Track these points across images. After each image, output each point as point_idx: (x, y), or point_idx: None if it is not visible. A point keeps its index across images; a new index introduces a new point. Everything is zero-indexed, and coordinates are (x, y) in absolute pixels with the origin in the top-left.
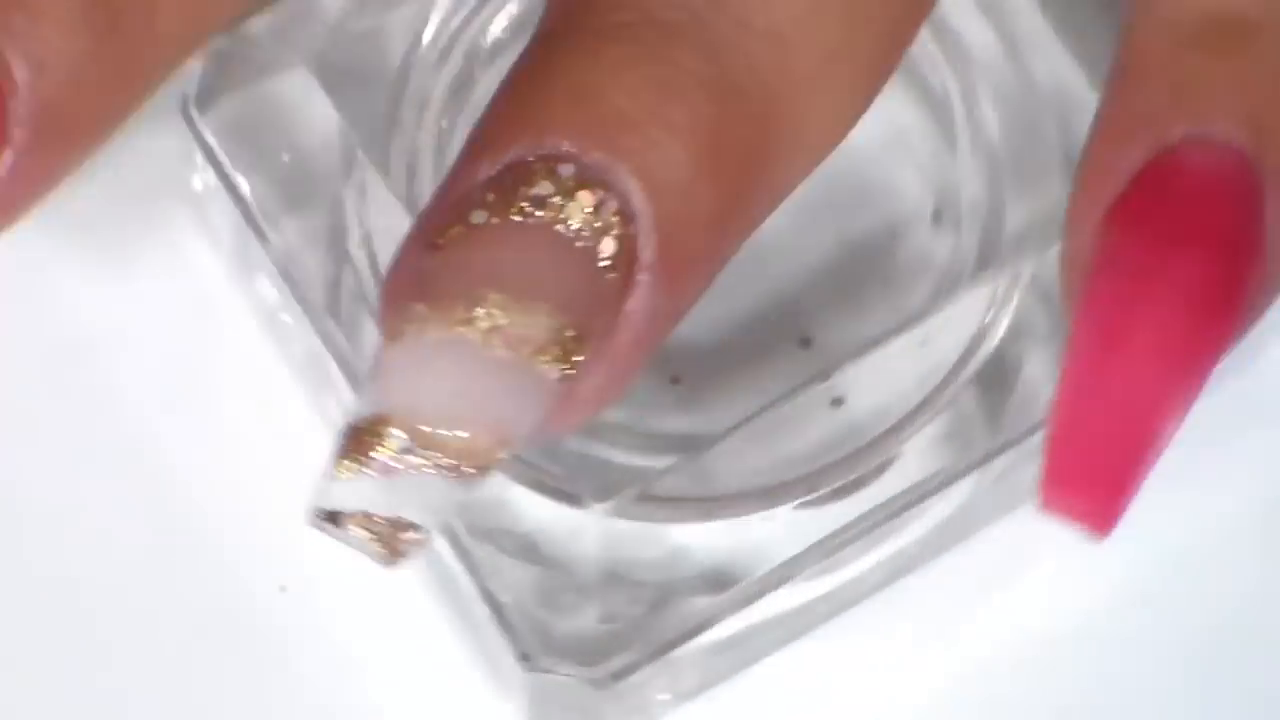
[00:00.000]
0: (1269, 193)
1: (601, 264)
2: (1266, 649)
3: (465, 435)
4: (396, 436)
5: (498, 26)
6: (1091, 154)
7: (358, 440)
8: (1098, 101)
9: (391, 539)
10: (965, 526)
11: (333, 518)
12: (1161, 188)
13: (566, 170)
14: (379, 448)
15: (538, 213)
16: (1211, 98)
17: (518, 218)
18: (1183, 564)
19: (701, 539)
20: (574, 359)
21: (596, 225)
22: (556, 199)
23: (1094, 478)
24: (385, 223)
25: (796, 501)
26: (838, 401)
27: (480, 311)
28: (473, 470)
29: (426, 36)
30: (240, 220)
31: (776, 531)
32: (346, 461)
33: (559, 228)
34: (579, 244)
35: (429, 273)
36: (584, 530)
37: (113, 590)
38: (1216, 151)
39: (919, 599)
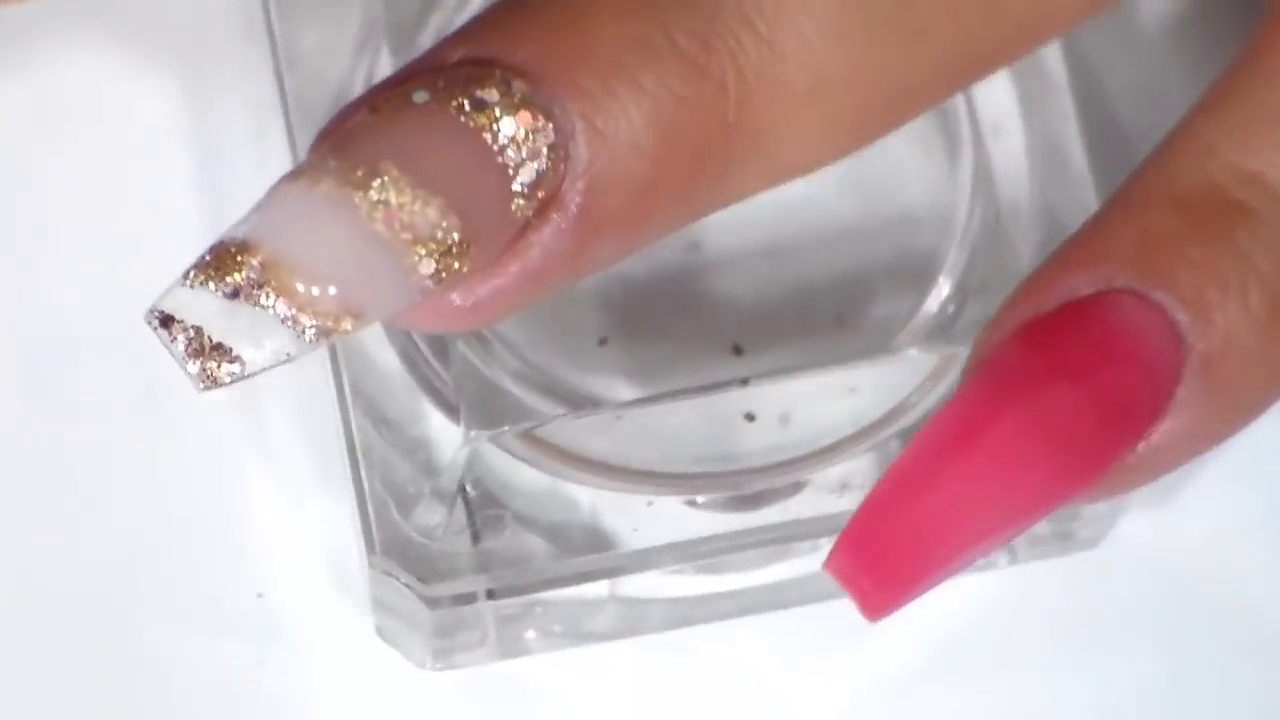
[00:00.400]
0: (1186, 377)
1: (515, 187)
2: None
3: (316, 293)
4: (253, 267)
5: None
6: (1044, 266)
7: (219, 257)
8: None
9: (211, 361)
10: None
11: (166, 322)
12: (1080, 324)
13: (519, 87)
14: (235, 272)
15: (474, 114)
16: (1172, 267)
17: (453, 111)
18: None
19: (589, 500)
20: (451, 266)
21: (523, 149)
22: (496, 109)
23: (879, 563)
24: None
25: (686, 497)
26: (750, 416)
27: (376, 182)
28: (312, 328)
29: None
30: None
31: (661, 519)
32: (200, 273)
33: (486, 135)
34: (498, 159)
35: (352, 130)
36: (460, 443)
37: (88, 596)
38: (1151, 316)
39: (797, 633)
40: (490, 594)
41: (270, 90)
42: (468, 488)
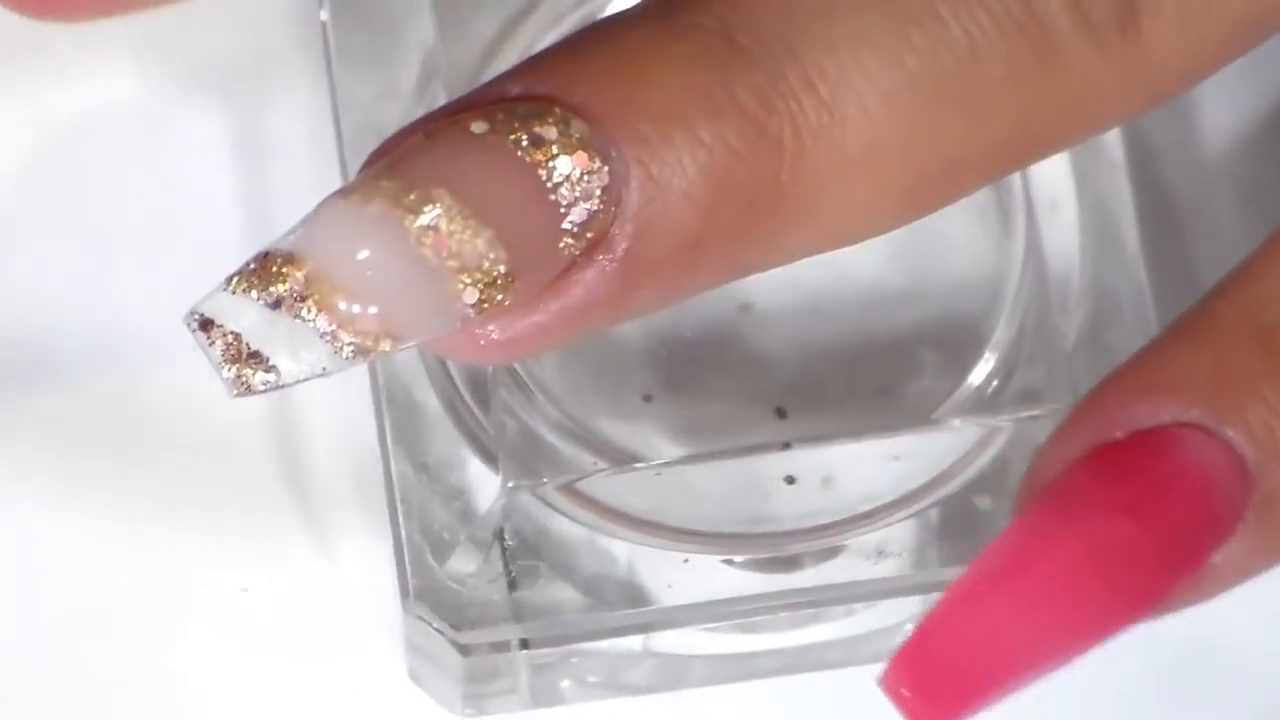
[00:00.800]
0: (1249, 512)
1: (565, 225)
2: None
3: (357, 311)
4: (297, 280)
5: (619, 5)
6: (1109, 386)
7: (264, 266)
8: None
9: (246, 368)
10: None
11: (206, 325)
12: (1146, 457)
13: (578, 127)
14: (279, 283)
15: (531, 150)
16: (1246, 403)
17: (510, 145)
18: None
19: (626, 554)
20: (494, 298)
21: (576, 188)
22: (554, 146)
23: (933, 685)
24: None
25: (723, 556)
26: (790, 479)
27: (428, 208)
28: (350, 346)
29: None
30: None
31: (697, 576)
32: (244, 280)
33: (541, 172)
34: (551, 196)
35: (407, 152)
36: (498, 493)
37: (74, 592)
38: (1220, 451)
39: (835, 694)
40: (524, 644)
41: (325, 119)
42: (505, 537)
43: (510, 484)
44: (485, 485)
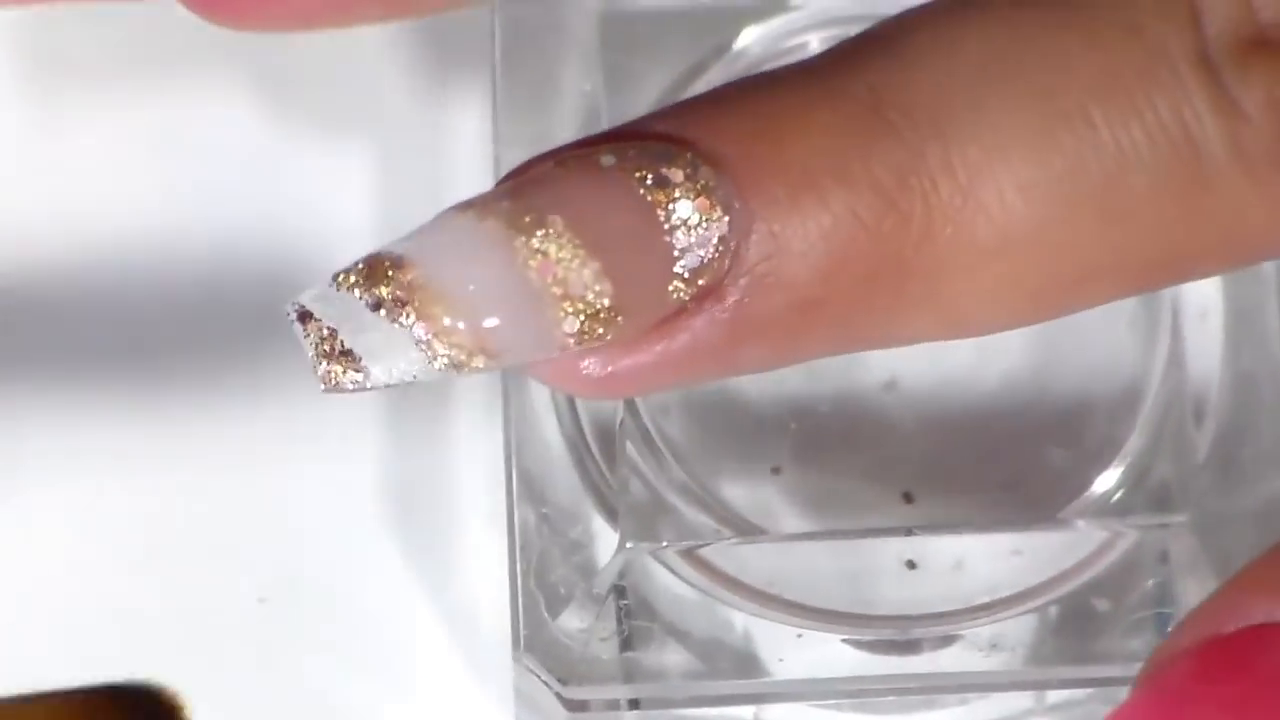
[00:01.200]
0: None
1: (676, 269)
2: None
3: (459, 325)
4: (400, 284)
5: None
6: (1231, 583)
7: (372, 268)
8: None
9: (337, 365)
10: None
11: (304, 317)
12: (1254, 655)
13: (705, 174)
14: (383, 285)
15: (654, 189)
16: None
17: (634, 181)
18: None
19: (742, 623)
20: (595, 330)
21: (693, 234)
22: (677, 190)
23: None
24: None
25: (844, 636)
26: (911, 564)
27: (540, 231)
28: (444, 358)
29: (735, 45)
30: None
31: (809, 652)
32: (350, 278)
33: (660, 212)
34: (666, 238)
35: (533, 178)
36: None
37: (91, 599)
38: None
39: None
40: (633, 704)
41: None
42: (622, 595)
43: (629, 544)
44: (605, 541)
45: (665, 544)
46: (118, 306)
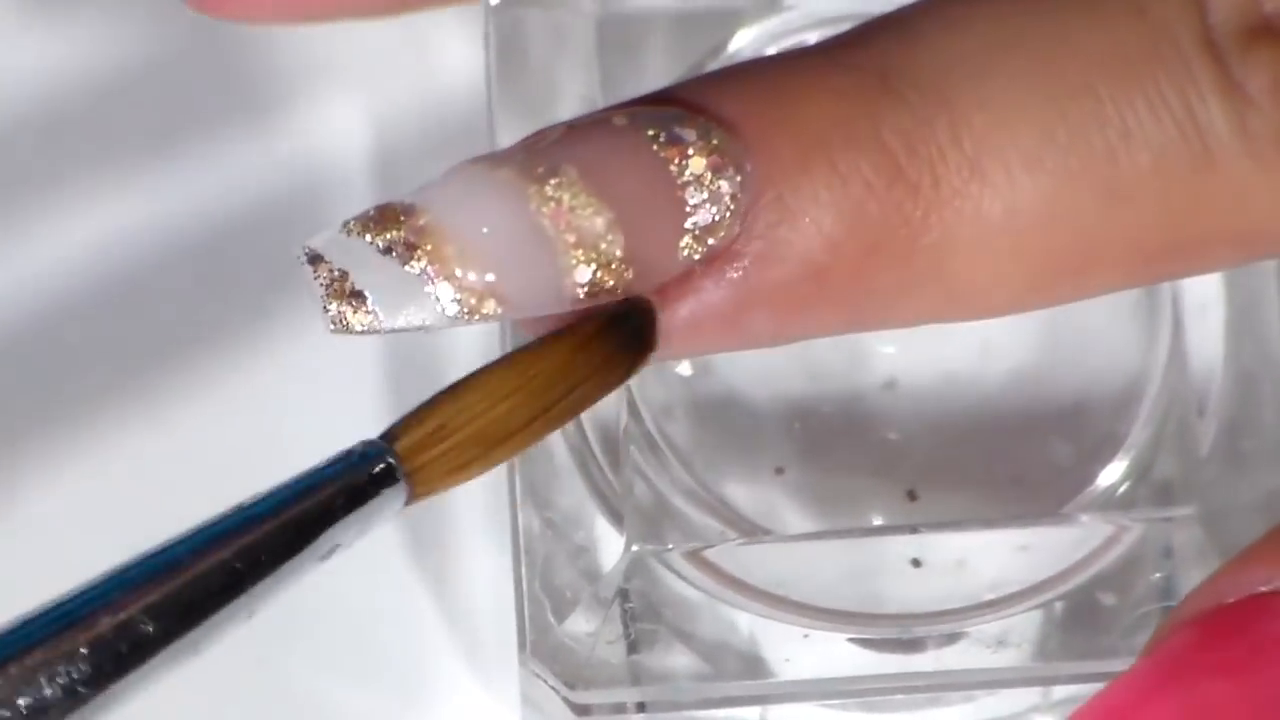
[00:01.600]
0: None
1: (687, 225)
2: None
3: (469, 270)
4: (412, 228)
5: None
6: (1237, 557)
7: (383, 214)
8: None
9: (347, 306)
10: None
11: (315, 260)
12: (1254, 620)
13: (718, 135)
14: (394, 230)
15: (666, 146)
16: None
17: (646, 137)
18: None
19: (747, 624)
20: (605, 281)
21: (704, 190)
22: (689, 147)
23: None
24: None
25: (850, 635)
26: (916, 562)
27: (553, 180)
28: (454, 302)
29: (731, 47)
30: None
31: (815, 652)
32: (360, 224)
33: (672, 167)
34: (678, 192)
35: (547, 134)
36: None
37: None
38: None
39: None
40: (640, 707)
41: None
42: (627, 599)
43: (634, 547)
44: (610, 544)
45: (670, 547)
46: (112, 289)
